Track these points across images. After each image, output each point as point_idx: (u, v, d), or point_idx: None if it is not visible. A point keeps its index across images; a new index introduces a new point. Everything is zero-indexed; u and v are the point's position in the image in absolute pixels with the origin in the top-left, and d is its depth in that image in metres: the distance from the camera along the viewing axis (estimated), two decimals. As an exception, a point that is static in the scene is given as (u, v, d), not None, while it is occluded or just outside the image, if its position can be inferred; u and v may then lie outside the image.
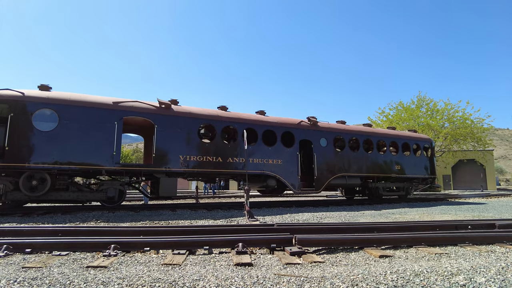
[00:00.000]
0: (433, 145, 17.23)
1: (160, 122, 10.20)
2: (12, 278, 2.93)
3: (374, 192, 14.61)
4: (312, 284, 2.87)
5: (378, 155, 14.58)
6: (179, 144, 10.36)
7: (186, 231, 5.24)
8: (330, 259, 4.05)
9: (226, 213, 9.71)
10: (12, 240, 4.31)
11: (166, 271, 3.32)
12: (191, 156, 10.50)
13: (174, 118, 10.49)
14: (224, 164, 11.01)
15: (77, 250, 4.22)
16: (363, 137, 14.49)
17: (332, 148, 13.38)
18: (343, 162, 13.44)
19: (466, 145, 33.30)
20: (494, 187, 36.99)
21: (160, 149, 10.11)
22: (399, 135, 16.11)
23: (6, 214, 8.59)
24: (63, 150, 8.89)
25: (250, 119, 11.99)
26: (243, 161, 11.17)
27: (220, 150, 11.08)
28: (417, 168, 15.86)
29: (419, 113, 33.76)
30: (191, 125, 10.72)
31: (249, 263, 3.69)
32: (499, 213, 10.22)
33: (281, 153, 12.08)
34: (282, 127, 12.39)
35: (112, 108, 9.67)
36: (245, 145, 10.22)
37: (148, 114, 10.13)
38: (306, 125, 13.04)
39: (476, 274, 3.21)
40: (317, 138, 12.98)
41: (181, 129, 10.46)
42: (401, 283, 2.94)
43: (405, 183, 15.84)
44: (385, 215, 9.43)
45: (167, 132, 10.24)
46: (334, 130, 13.73)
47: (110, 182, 10.15)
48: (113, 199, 9.95)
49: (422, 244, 4.73)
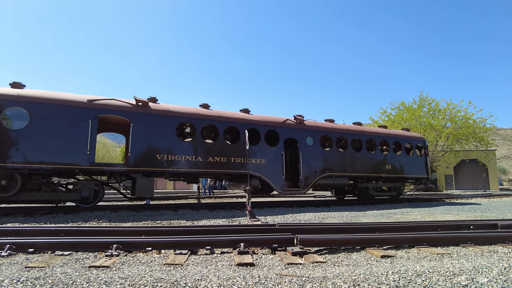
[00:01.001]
0: (427, 144, 16.80)
1: (136, 120, 9.91)
2: (15, 278, 2.95)
3: (364, 193, 14.24)
4: (314, 284, 2.87)
5: (367, 154, 14.23)
6: (156, 143, 10.09)
7: (188, 231, 5.25)
8: (331, 259, 4.05)
9: (227, 213, 9.72)
10: (15, 240, 4.33)
11: (168, 271, 3.33)
12: (169, 155, 10.23)
13: (151, 116, 10.19)
14: (205, 163, 10.73)
15: (79, 250, 4.24)
16: (352, 135, 14.16)
17: (319, 147, 13.06)
18: (330, 162, 13.12)
19: (468, 145, 33.19)
20: (497, 187, 36.85)
21: (136, 148, 9.85)
22: (390, 134, 15.67)
23: (8, 214, 8.64)
24: (34, 149, 8.67)
25: (232, 117, 11.66)
26: (225, 161, 10.96)
27: (200, 149, 10.79)
28: (410, 168, 15.47)
29: (421, 113, 33.67)
30: (169, 123, 10.43)
31: (251, 263, 3.70)
32: (501, 213, 10.18)
33: (265, 153, 11.79)
34: (266, 126, 12.05)
35: (86, 106, 9.42)
36: (246, 145, 10.20)
37: (123, 112, 9.84)
38: (291, 124, 12.69)
39: (478, 275, 3.20)
40: (303, 137, 12.65)
41: (158, 127, 10.18)
42: (403, 283, 2.94)
43: (397, 183, 15.50)
44: (387, 215, 9.41)
45: (144, 130, 9.97)
46: (321, 129, 13.39)
47: (85, 182, 9.88)
48: (88, 199, 9.70)
49: (424, 244, 4.72)
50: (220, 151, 11.05)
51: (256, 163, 11.56)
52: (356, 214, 9.71)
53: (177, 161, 10.35)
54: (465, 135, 31.93)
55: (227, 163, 11.05)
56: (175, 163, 10.32)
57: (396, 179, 15.26)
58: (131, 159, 9.78)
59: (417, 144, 16.25)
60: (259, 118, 12.23)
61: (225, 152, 11.11)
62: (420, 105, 34.18)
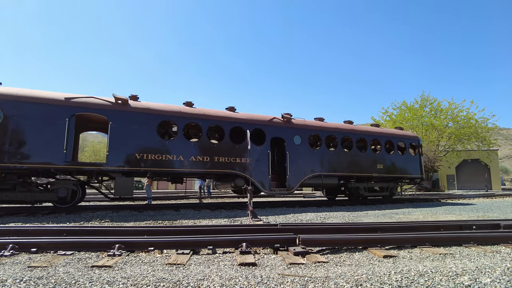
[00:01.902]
0: (421, 143, 16.40)
1: (115, 118, 9.70)
2: (18, 277, 2.96)
3: (355, 193, 13.89)
4: (316, 284, 2.87)
5: (358, 153, 13.87)
6: (135, 142, 9.84)
7: (190, 231, 5.25)
8: (334, 259, 4.04)
9: (229, 213, 9.72)
10: (18, 239, 4.34)
11: (171, 271, 3.34)
12: (149, 154, 9.97)
13: (131, 114, 9.96)
14: (187, 163, 10.46)
15: (82, 249, 4.25)
16: (341, 134, 13.77)
17: (307, 146, 12.73)
18: (319, 161, 12.79)
19: (470, 145, 33.14)
20: (499, 187, 36.73)
21: (115, 146, 9.63)
22: (382, 133, 15.22)
23: (11, 214, 8.67)
24: (7, 148, 8.49)
25: (216, 116, 11.39)
26: (208, 160, 10.74)
27: (182, 148, 10.52)
28: (403, 168, 15.07)
29: (422, 112, 33.63)
30: (150, 121, 10.18)
31: (253, 263, 3.70)
32: (504, 213, 10.15)
33: (251, 152, 11.44)
34: (251, 124, 11.70)
35: (63, 104, 9.21)
36: (248, 146, 10.19)
37: (102, 110, 9.63)
38: (278, 122, 12.40)
39: (481, 275, 3.19)
40: (290, 136, 12.36)
41: (138, 125, 9.94)
42: (405, 283, 2.93)
43: (390, 183, 15.12)
44: (389, 215, 9.40)
45: (123, 129, 9.75)
46: (309, 128, 13.05)
47: (63, 182, 9.65)
48: (65, 199, 9.52)
49: (426, 244, 4.71)
50: (204, 150, 10.82)
51: (241, 162, 11.30)
52: (358, 214, 9.70)
53: (157, 160, 10.09)
54: (467, 135, 31.88)
55: (211, 162, 10.81)
56: (156, 163, 10.07)
57: (389, 179, 14.89)
58: (109, 158, 9.56)
59: (410, 143, 15.89)
60: (245, 117, 11.92)
61: (209, 151, 10.87)
62: (422, 105, 34.15)
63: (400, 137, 15.68)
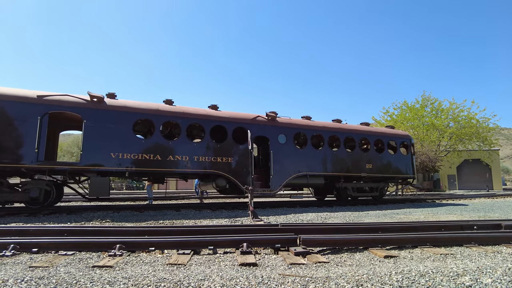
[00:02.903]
0: (413, 142, 15.94)
1: (90, 116, 9.46)
2: (19, 277, 2.96)
3: (342, 193, 13.56)
4: (317, 285, 2.87)
5: (345, 153, 13.53)
6: (110, 141, 9.59)
7: (191, 231, 5.26)
8: (334, 259, 4.04)
9: (230, 213, 9.73)
10: (19, 240, 4.35)
11: (171, 271, 3.34)
12: (124, 153, 9.71)
13: (106, 112, 9.71)
14: (164, 162, 10.19)
15: (83, 249, 4.25)
16: (328, 133, 13.39)
17: (292, 145, 12.41)
18: (305, 160, 12.44)
19: (472, 145, 33.11)
20: (500, 187, 36.66)
21: (89, 146, 9.41)
22: (371, 132, 14.78)
23: (12, 214, 8.69)
24: None
25: (196, 114, 11.10)
26: (187, 160, 10.47)
27: (160, 147, 10.26)
28: (393, 167, 14.66)
29: (423, 112, 33.61)
30: (126, 120, 9.90)
31: (254, 263, 3.70)
32: (505, 213, 10.13)
33: (233, 151, 11.20)
34: (233, 123, 11.45)
35: (35, 102, 9.00)
36: (249, 146, 10.18)
37: (76, 108, 9.40)
38: (262, 121, 12.06)
39: (482, 275, 3.19)
40: (274, 135, 12.00)
41: (113, 124, 9.70)
42: (406, 283, 2.93)
43: (380, 183, 14.68)
44: (390, 215, 9.39)
45: (98, 127, 9.51)
46: (295, 126, 12.68)
47: (35, 182, 9.40)
48: (37, 200, 9.27)
49: (427, 245, 4.71)
50: (183, 150, 10.54)
51: (222, 162, 11.01)
52: (359, 214, 9.69)
53: (133, 159, 9.85)
54: (468, 134, 31.85)
55: (190, 161, 10.53)
56: (132, 162, 9.85)
57: (379, 179, 14.54)
58: (83, 157, 9.36)
59: (402, 142, 15.50)
60: (226, 115, 11.67)
61: (188, 151, 10.60)
62: (422, 105, 34.13)
63: (390, 136, 15.30)
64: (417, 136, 32.07)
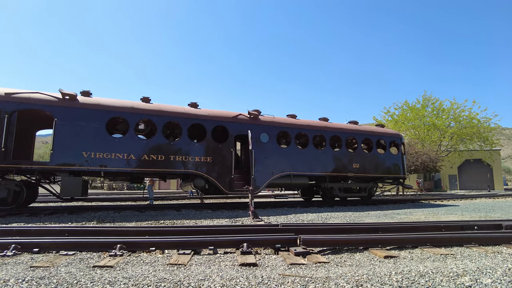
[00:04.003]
0: (403, 141, 15.51)
1: (61, 115, 9.22)
2: (20, 277, 2.98)
3: (328, 193, 13.24)
4: (317, 285, 2.88)
5: (331, 152, 13.17)
6: (82, 140, 9.33)
7: (191, 231, 5.27)
8: (335, 259, 4.04)
9: (230, 213, 9.74)
10: (20, 240, 4.37)
11: (172, 271, 3.35)
12: (97, 153, 9.47)
13: (79, 110, 9.43)
14: (139, 162, 9.95)
15: (83, 250, 4.27)
16: (313, 132, 13.05)
17: (275, 145, 12.09)
18: (288, 160, 12.12)
19: (473, 145, 33.06)
20: (501, 187, 36.63)
21: (59, 144, 9.13)
22: (358, 130, 14.32)
23: (13, 214, 8.71)
24: None
25: (173, 112, 10.79)
26: (163, 159, 10.23)
27: (134, 146, 9.97)
28: (382, 167, 14.22)
29: (424, 112, 33.58)
30: (99, 118, 9.63)
31: (254, 263, 3.71)
32: (506, 213, 10.12)
33: (212, 150, 10.93)
34: (213, 121, 11.14)
35: (3, 100, 8.75)
36: (249, 146, 10.19)
37: (47, 106, 9.16)
38: (244, 119, 11.76)
39: (482, 275, 3.19)
40: (257, 133, 11.60)
41: (86, 122, 9.44)
42: (406, 283, 2.93)
43: (369, 183, 14.33)
44: (390, 216, 9.39)
45: (69, 126, 9.26)
46: (278, 125, 12.36)
47: (3, 182, 9.14)
48: (6, 200, 9.03)
49: (427, 245, 4.71)
50: (158, 149, 10.26)
51: (200, 161, 10.74)
52: (360, 214, 9.69)
53: (106, 159, 9.58)
54: (469, 134, 31.80)
55: (166, 161, 10.25)
56: (105, 161, 9.57)
57: (367, 178, 14.20)
58: (53, 156, 9.08)
59: (391, 141, 15.06)
60: (205, 113, 11.35)
61: (164, 150, 10.32)
62: (423, 104, 34.09)
63: (379, 134, 14.83)
64: (418, 136, 32.05)
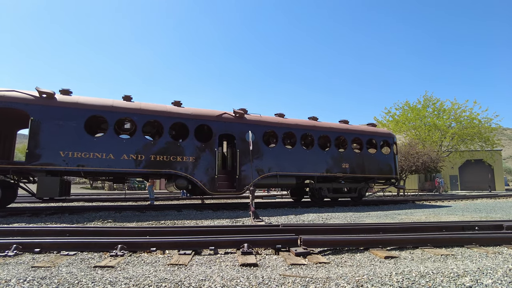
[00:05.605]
0: (395, 140, 15.11)
1: (38, 113, 9.01)
2: (21, 277, 2.99)
3: (317, 194, 12.99)
4: (317, 285, 2.88)
5: (319, 152, 12.84)
6: (60, 139, 9.12)
7: (192, 232, 5.28)
8: (335, 260, 4.05)
9: (231, 214, 9.75)
10: (22, 240, 4.38)
11: (172, 271, 3.36)
12: (75, 152, 9.22)
13: (56, 109, 9.22)
14: (118, 161, 9.68)
15: (84, 250, 4.28)
16: (301, 131, 12.71)
17: (262, 144, 11.82)
18: (275, 160, 11.84)
19: (474, 145, 32.96)
20: (503, 187, 36.54)
21: (35, 144, 8.90)
22: (348, 129, 13.92)
23: (15, 214, 8.74)
24: None
25: (154, 110, 10.53)
26: (142, 159, 9.98)
27: (113, 146, 9.73)
28: (373, 167, 13.87)
29: (425, 113, 33.51)
30: (77, 117, 9.40)
31: (255, 263, 3.71)
32: (507, 214, 10.10)
33: (195, 150, 10.66)
34: (196, 120, 10.87)
35: None
36: (250, 146, 10.19)
37: (23, 104, 8.95)
38: (229, 118, 11.49)
39: (483, 276, 3.19)
40: (242, 133, 11.24)
41: (64, 121, 9.22)
42: (406, 284, 2.93)
43: (360, 183, 13.98)
44: (391, 216, 9.38)
45: (46, 124, 9.04)
46: (265, 124, 12.08)
47: None
48: None
49: (428, 245, 4.70)
50: (138, 148, 10.03)
51: (183, 161, 10.47)
52: (360, 214, 9.69)
53: (84, 158, 9.35)
54: (470, 135, 31.72)
55: (147, 161, 10.03)
56: (83, 161, 9.35)
57: (358, 179, 13.87)
58: (29, 156, 8.87)
59: (383, 140, 14.72)
60: (188, 112, 11.06)
61: (145, 149, 10.10)
62: (424, 105, 34.01)
63: (370, 134, 14.43)
64: (419, 136, 32.00)
